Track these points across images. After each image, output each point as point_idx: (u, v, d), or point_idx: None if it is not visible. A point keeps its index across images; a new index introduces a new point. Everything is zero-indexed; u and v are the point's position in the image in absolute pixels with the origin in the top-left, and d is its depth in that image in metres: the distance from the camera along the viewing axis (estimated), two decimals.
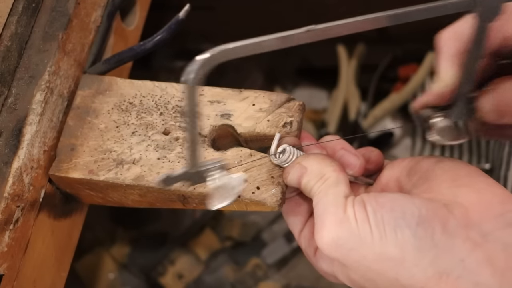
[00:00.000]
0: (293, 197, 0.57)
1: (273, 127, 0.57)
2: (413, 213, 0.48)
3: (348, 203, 0.49)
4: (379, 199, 0.49)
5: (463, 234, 0.47)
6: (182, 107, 0.59)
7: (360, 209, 0.48)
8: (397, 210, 0.48)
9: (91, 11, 0.65)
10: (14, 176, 0.55)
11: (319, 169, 0.52)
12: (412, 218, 0.47)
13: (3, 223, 0.53)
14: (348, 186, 0.51)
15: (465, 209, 0.48)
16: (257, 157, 0.55)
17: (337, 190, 0.50)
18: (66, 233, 0.62)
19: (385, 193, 0.50)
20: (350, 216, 0.48)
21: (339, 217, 0.49)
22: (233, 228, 1.18)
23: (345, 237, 0.48)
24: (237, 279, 1.16)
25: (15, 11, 0.60)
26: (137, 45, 0.63)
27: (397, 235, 0.47)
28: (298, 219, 0.57)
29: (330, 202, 0.50)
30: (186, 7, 0.61)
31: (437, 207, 0.48)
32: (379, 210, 0.48)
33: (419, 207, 0.48)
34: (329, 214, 0.49)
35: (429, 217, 0.47)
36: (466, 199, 0.49)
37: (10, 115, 0.57)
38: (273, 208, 0.54)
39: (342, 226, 0.48)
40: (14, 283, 0.54)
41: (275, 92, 0.59)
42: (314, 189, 0.51)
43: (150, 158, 0.56)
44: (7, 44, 0.59)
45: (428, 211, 0.48)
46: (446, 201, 0.49)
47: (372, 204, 0.48)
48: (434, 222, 0.47)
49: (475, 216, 0.48)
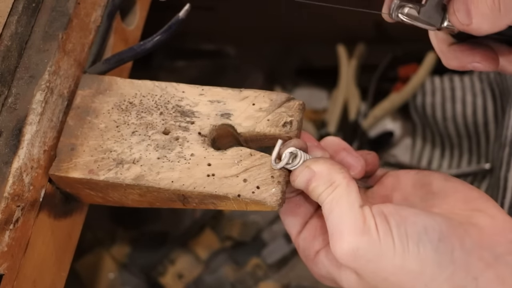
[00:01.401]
0: (292, 198, 0.57)
1: (273, 126, 0.57)
2: (435, 228, 0.48)
3: (367, 213, 0.49)
4: (401, 212, 0.49)
5: (478, 253, 0.48)
6: (182, 107, 0.59)
7: (383, 221, 0.49)
8: (420, 225, 0.48)
9: (91, 11, 0.65)
10: (14, 176, 0.55)
11: (329, 175, 0.52)
12: (434, 234, 0.48)
13: (3, 223, 0.53)
14: (359, 195, 0.51)
15: (479, 230, 0.49)
16: (257, 156, 0.55)
17: (350, 199, 0.50)
18: (66, 233, 0.62)
19: (405, 207, 0.50)
20: (371, 228, 0.49)
21: (359, 227, 0.49)
22: (233, 228, 1.18)
23: (365, 248, 0.48)
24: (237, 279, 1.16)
25: (15, 11, 0.60)
26: (137, 45, 0.63)
27: (419, 250, 0.48)
28: (297, 220, 0.57)
29: (346, 212, 0.50)
30: (186, 7, 0.61)
31: (455, 225, 0.49)
32: (403, 224, 0.48)
33: (440, 223, 0.49)
34: (347, 224, 0.49)
35: (449, 233, 0.48)
36: (480, 222, 0.50)
37: (10, 115, 0.57)
38: (273, 207, 0.54)
39: (363, 237, 0.48)
40: (14, 283, 0.54)
41: (275, 91, 0.59)
42: (323, 196, 0.51)
43: (150, 157, 0.57)
44: (7, 44, 0.59)
45: (448, 228, 0.49)
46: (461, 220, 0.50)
47: (396, 218, 0.49)
48: (453, 239, 0.48)
49: (488, 239, 0.49)
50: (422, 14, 0.52)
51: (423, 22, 0.52)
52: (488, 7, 0.48)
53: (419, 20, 0.52)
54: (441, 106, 1.09)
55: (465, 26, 0.50)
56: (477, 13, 0.49)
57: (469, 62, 0.54)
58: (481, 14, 0.49)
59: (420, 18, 0.52)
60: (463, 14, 0.49)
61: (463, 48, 0.54)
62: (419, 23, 0.52)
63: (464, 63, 0.54)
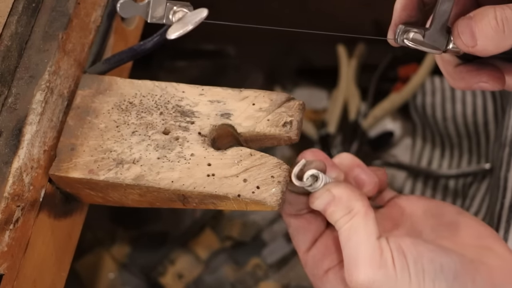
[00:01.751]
0: (304, 215, 0.57)
1: (273, 126, 0.57)
2: (450, 266, 0.49)
3: (384, 246, 0.50)
4: (419, 248, 0.50)
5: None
6: (182, 107, 0.59)
7: (400, 256, 0.49)
8: (437, 262, 0.49)
9: (91, 11, 0.65)
10: (14, 176, 0.55)
11: (348, 201, 0.52)
12: (449, 272, 0.49)
13: (3, 223, 0.53)
14: (376, 225, 0.51)
15: (489, 269, 0.50)
16: (257, 156, 0.55)
17: (368, 230, 0.51)
18: (66, 233, 0.62)
19: (422, 242, 0.51)
20: (388, 262, 0.49)
21: (376, 260, 0.49)
22: (233, 228, 1.18)
23: (381, 281, 0.49)
24: (237, 279, 1.16)
25: (15, 11, 0.60)
26: (137, 45, 0.63)
27: (435, 287, 0.48)
28: (307, 238, 0.57)
29: (363, 242, 0.50)
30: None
31: (468, 263, 0.50)
32: (420, 260, 0.49)
33: (455, 261, 0.49)
34: (364, 255, 0.50)
35: (463, 272, 0.49)
36: (491, 261, 0.51)
37: (10, 115, 0.57)
38: (273, 207, 0.54)
39: (379, 270, 0.49)
40: (14, 283, 0.54)
41: (275, 91, 0.59)
42: (340, 222, 0.52)
43: (150, 157, 0.57)
44: (7, 44, 0.59)
45: (462, 266, 0.49)
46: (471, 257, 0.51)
47: (413, 253, 0.49)
48: (467, 277, 0.49)
49: (498, 279, 0.50)
50: (427, 38, 0.52)
51: (429, 46, 0.52)
52: (493, 29, 0.48)
53: (424, 44, 0.52)
54: (441, 106, 1.09)
55: (470, 48, 0.50)
56: (481, 35, 0.49)
57: (475, 82, 0.54)
58: (485, 36, 0.49)
59: (425, 43, 0.52)
60: (468, 36, 0.50)
61: (469, 69, 0.54)
62: (425, 47, 0.52)
63: (471, 84, 0.54)
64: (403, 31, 0.53)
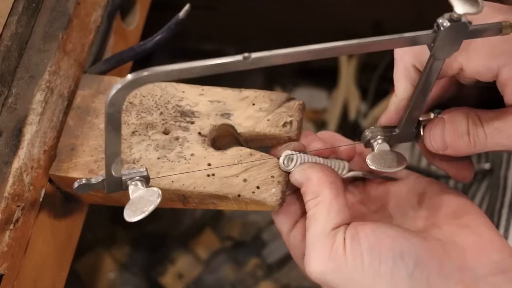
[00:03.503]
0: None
1: (273, 126, 0.57)
2: (411, 253, 0.47)
3: (338, 236, 0.49)
4: (379, 234, 0.48)
5: (457, 276, 0.47)
6: (182, 107, 0.59)
7: (354, 244, 0.48)
8: (396, 249, 0.47)
9: (91, 11, 0.65)
10: (14, 176, 0.55)
11: (316, 186, 0.52)
12: (410, 259, 0.47)
13: (3, 223, 0.53)
14: (340, 213, 0.50)
15: (462, 251, 0.48)
16: (256, 156, 0.55)
17: (327, 220, 0.50)
18: (66, 233, 0.62)
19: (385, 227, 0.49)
20: (339, 253, 0.48)
21: (326, 252, 0.48)
22: (233, 228, 1.18)
23: (332, 273, 0.48)
24: (237, 279, 1.16)
25: (15, 11, 0.60)
26: (137, 45, 0.63)
27: (393, 275, 0.47)
28: (288, 219, 0.57)
29: (318, 233, 0.50)
30: (186, 7, 0.61)
31: (435, 248, 0.48)
32: (377, 247, 0.47)
33: (418, 247, 0.47)
34: (316, 246, 0.49)
35: (427, 258, 0.47)
36: (465, 240, 0.49)
37: (10, 115, 0.57)
38: (273, 207, 0.54)
39: (329, 263, 0.48)
40: (14, 283, 0.54)
41: (275, 91, 0.59)
42: (308, 205, 0.52)
43: (150, 157, 0.57)
44: (7, 44, 0.59)
45: (426, 252, 0.47)
46: (445, 238, 0.49)
47: (370, 241, 0.48)
48: (431, 264, 0.47)
49: (470, 260, 0.48)
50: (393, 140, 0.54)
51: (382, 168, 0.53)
52: (465, 144, 0.50)
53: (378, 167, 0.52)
54: None
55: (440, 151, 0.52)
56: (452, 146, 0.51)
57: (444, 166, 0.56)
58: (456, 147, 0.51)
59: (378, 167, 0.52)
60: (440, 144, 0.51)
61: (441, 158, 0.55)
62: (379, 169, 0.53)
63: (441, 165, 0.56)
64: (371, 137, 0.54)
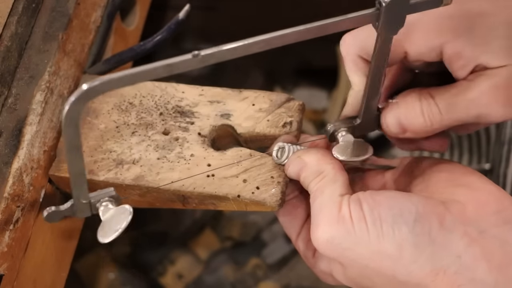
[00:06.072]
0: (289, 200, 0.57)
1: (273, 127, 0.57)
2: (410, 210, 0.47)
3: (344, 201, 0.49)
4: (375, 197, 0.49)
5: (460, 229, 0.47)
6: (182, 107, 0.59)
7: (356, 207, 0.48)
8: (395, 207, 0.48)
9: (91, 11, 0.65)
10: (14, 176, 0.55)
11: (318, 165, 0.52)
12: (410, 215, 0.47)
13: (3, 223, 0.53)
14: (345, 185, 0.51)
15: (462, 206, 0.48)
16: (256, 156, 0.55)
17: (333, 188, 0.50)
18: (66, 233, 0.62)
19: (381, 191, 0.50)
20: (345, 215, 0.48)
21: (334, 216, 0.49)
22: (233, 228, 1.18)
23: (340, 236, 0.48)
24: (237, 279, 1.16)
25: (15, 11, 0.60)
26: (137, 45, 0.63)
27: (395, 233, 0.47)
28: (296, 222, 0.57)
29: (326, 201, 0.50)
30: (186, 7, 0.61)
31: (434, 204, 0.48)
32: (376, 208, 0.48)
33: (416, 204, 0.48)
34: (323, 213, 0.49)
35: (426, 213, 0.47)
36: (463, 197, 0.49)
37: (10, 115, 0.57)
38: (273, 208, 0.54)
39: (337, 226, 0.48)
40: (14, 283, 0.54)
41: (275, 92, 0.59)
42: (311, 186, 0.51)
43: (150, 158, 0.57)
44: (7, 44, 0.59)
45: (425, 208, 0.48)
46: (443, 199, 0.49)
47: (369, 202, 0.48)
48: (431, 219, 0.47)
49: (472, 213, 0.48)
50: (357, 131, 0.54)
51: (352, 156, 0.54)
52: (420, 123, 0.51)
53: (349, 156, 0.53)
54: None
55: (400, 135, 0.53)
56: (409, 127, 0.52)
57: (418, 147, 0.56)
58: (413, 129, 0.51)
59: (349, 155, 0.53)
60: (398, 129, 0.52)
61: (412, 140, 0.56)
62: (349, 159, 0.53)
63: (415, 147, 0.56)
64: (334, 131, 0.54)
